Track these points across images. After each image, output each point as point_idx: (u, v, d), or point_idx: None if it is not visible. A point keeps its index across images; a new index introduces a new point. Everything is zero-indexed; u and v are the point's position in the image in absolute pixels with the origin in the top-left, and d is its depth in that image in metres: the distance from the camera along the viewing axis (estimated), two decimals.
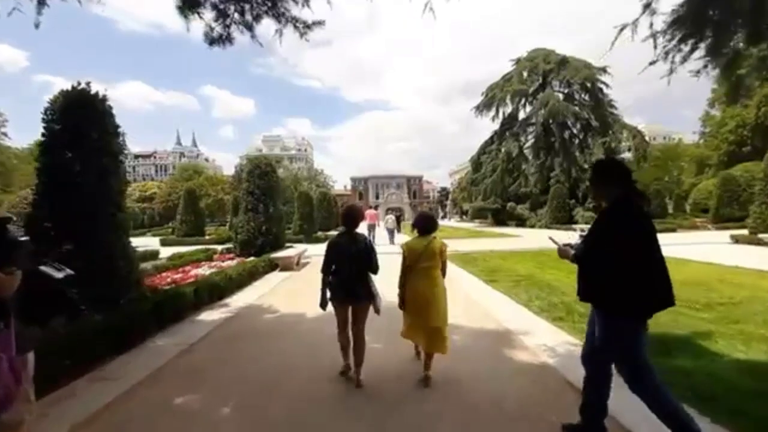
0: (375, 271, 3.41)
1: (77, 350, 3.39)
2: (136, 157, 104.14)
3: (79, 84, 4.49)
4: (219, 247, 13.75)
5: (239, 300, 6.56)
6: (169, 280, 7.04)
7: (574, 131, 35.05)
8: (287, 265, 10.13)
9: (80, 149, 4.33)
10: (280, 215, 12.68)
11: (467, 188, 50.42)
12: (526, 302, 5.88)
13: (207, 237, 20.65)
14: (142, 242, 22.76)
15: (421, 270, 3.29)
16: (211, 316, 5.49)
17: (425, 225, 3.43)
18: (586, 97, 34.38)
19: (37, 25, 4.94)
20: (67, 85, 4.47)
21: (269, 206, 11.94)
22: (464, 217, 55.10)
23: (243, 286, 7.65)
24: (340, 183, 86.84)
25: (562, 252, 2.36)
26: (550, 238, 2.78)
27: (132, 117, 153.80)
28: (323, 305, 3.51)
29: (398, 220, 31.70)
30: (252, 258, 10.65)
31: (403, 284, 3.39)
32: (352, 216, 3.59)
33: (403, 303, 3.39)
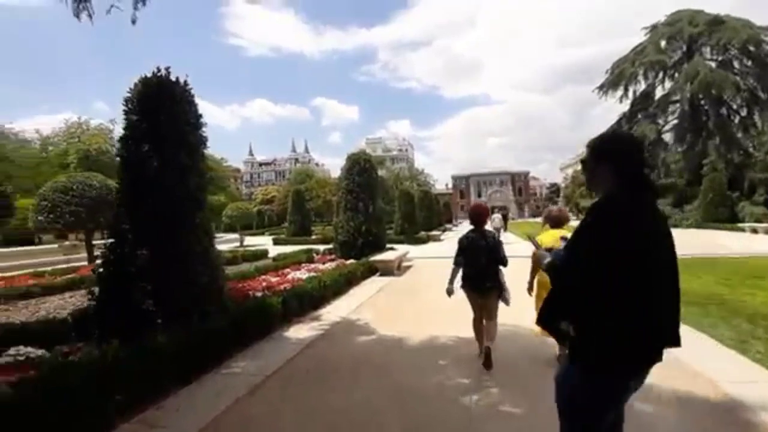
0: (504, 263, 3.68)
1: (133, 382, 2.76)
2: (260, 164, 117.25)
3: (158, 70, 4.06)
4: (321, 248, 13.59)
5: (333, 311, 5.74)
6: (264, 284, 6.61)
7: (734, 106, 28.17)
8: (387, 270, 9.21)
9: (157, 142, 3.86)
10: (380, 215, 11.92)
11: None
12: (738, 343, 3.85)
13: (313, 237, 21.24)
14: (258, 241, 24.84)
15: None
16: (299, 332, 4.71)
17: (558, 218, 3.73)
18: (749, 64, 27.18)
19: (134, 21, 4.81)
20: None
21: (369, 205, 11.24)
22: (580, 215, 48.89)
23: (340, 294, 6.89)
24: (441, 182, 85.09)
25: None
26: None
27: (257, 130, 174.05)
28: (450, 292, 3.98)
29: (505, 218, 29.54)
30: (351, 261, 10.02)
31: (533, 277, 3.66)
32: (480, 213, 3.94)
33: (530, 290, 3.71)
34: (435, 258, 12.56)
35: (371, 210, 11.23)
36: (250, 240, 26.47)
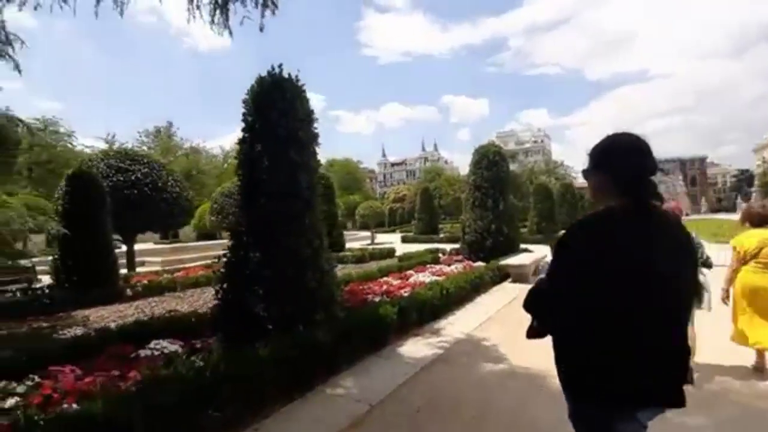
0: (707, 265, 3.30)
1: (231, 400, 2.55)
2: (392, 165, 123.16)
3: (273, 69, 3.98)
4: (448, 247, 12.91)
5: (456, 324, 5.00)
6: (384, 287, 6.27)
7: None
8: (521, 276, 7.99)
9: (268, 140, 3.75)
10: (512, 212, 10.63)
11: None
12: None
13: (441, 235, 20.71)
14: (389, 238, 25.58)
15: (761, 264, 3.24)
16: (415, 349, 4.13)
17: (763, 216, 3.35)
18: None
19: (261, 29, 5.00)
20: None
21: (499, 202, 10.07)
22: None
23: (464, 302, 6.11)
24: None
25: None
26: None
27: (390, 133, 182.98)
28: None
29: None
30: (480, 263, 9.08)
31: (730, 281, 3.41)
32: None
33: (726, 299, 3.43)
34: None
35: (502, 207, 10.05)
36: (381, 237, 27.52)
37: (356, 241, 23.71)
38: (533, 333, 1.44)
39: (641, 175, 1.26)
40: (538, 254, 9.50)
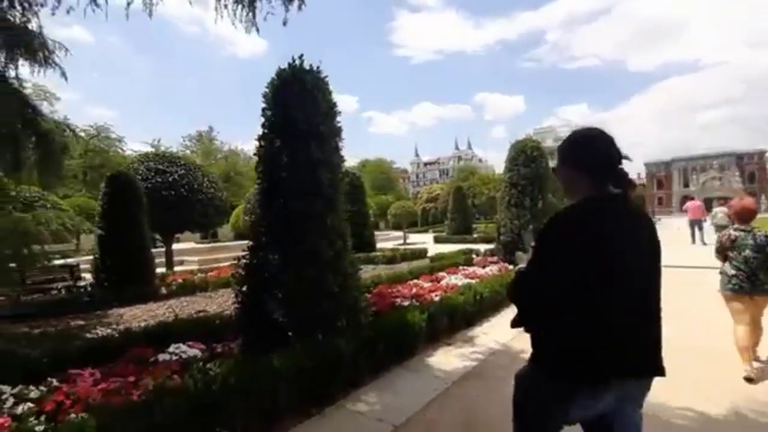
0: None
1: (242, 417, 2.34)
2: (425, 164, 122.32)
3: (293, 60, 3.77)
4: (482, 248, 12.38)
5: (490, 333, 4.61)
6: (414, 290, 5.95)
7: None
8: None
9: (287, 136, 3.54)
10: (551, 211, 9.97)
11: None
12: None
13: (474, 235, 20.04)
14: (421, 238, 25.14)
15: None
16: (445, 360, 3.78)
17: None
18: None
19: (284, 23, 4.89)
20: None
21: (537, 200, 9.47)
22: None
23: (500, 308, 5.67)
24: (630, 169, 70.51)
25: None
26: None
27: (423, 132, 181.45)
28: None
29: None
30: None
31: None
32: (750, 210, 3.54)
33: None
34: None
35: (540, 205, 9.44)
36: (413, 237, 27.13)
37: (388, 241, 23.49)
38: (517, 323, 1.48)
39: (610, 166, 1.33)
40: None
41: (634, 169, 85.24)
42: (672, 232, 21.45)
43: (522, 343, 4.24)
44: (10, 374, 3.04)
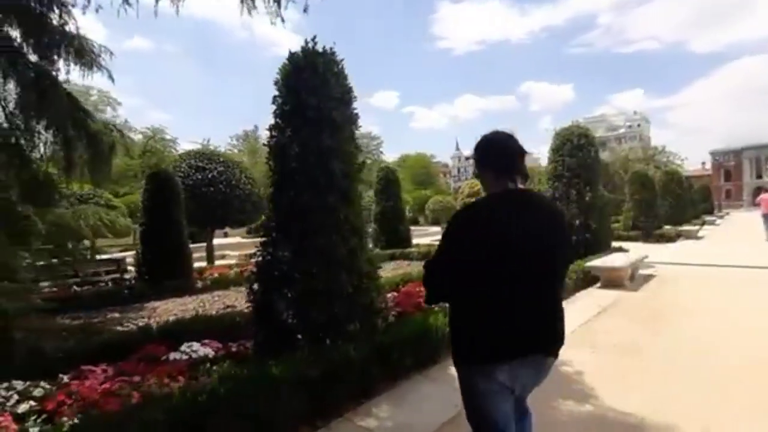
0: None
1: (243, 424, 2.13)
2: (467, 158, 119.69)
3: (306, 42, 3.52)
4: None
5: None
6: None
7: None
8: (613, 280, 6.68)
9: (298, 124, 3.30)
10: (601, 204, 9.10)
11: None
12: None
13: None
14: None
15: None
16: None
17: None
18: None
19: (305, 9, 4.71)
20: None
21: (585, 193, 8.67)
22: None
23: None
24: (692, 160, 64.83)
25: None
26: None
27: (465, 126, 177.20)
28: None
29: None
30: None
31: None
32: None
33: None
34: (691, 265, 8.75)
35: (589, 198, 8.64)
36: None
37: (427, 236, 23.00)
38: (427, 301, 1.64)
39: (508, 165, 1.50)
40: (634, 255, 7.96)
41: (698, 158, 78.48)
42: (740, 228, 19.38)
43: (564, 354, 3.75)
44: (29, 369, 3.06)
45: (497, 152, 1.53)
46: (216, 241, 24.39)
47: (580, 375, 3.24)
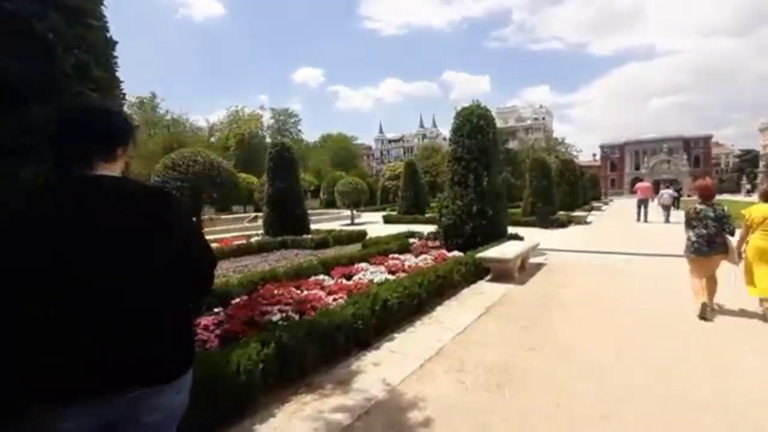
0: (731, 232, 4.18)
1: None
2: (390, 141, 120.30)
3: None
4: (426, 231, 11.06)
5: (383, 366, 3.16)
6: (305, 293, 4.47)
7: None
8: (503, 273, 6.20)
9: None
10: (499, 190, 8.73)
11: None
12: None
13: (427, 215, 18.86)
14: (373, 218, 23.68)
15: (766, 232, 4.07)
16: (287, 427, 2.35)
17: None
18: None
19: None
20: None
21: (482, 177, 8.17)
22: None
23: (414, 317, 4.31)
24: (585, 153, 72.54)
25: None
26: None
27: (389, 110, 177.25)
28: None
29: (678, 195, 23.05)
30: (456, 253, 7.30)
31: (743, 243, 4.24)
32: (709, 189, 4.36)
33: (739, 257, 4.19)
34: (578, 252, 8.84)
35: (486, 184, 8.16)
36: (367, 216, 25.64)
37: (337, 220, 21.89)
38: None
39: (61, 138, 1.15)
40: (528, 243, 7.69)
41: (587, 151, 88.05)
42: (618, 210, 21.88)
43: (424, 383, 2.84)
44: None
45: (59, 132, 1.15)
46: None
47: (436, 414, 2.36)
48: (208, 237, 12.59)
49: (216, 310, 3.91)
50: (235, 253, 9.20)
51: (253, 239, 10.99)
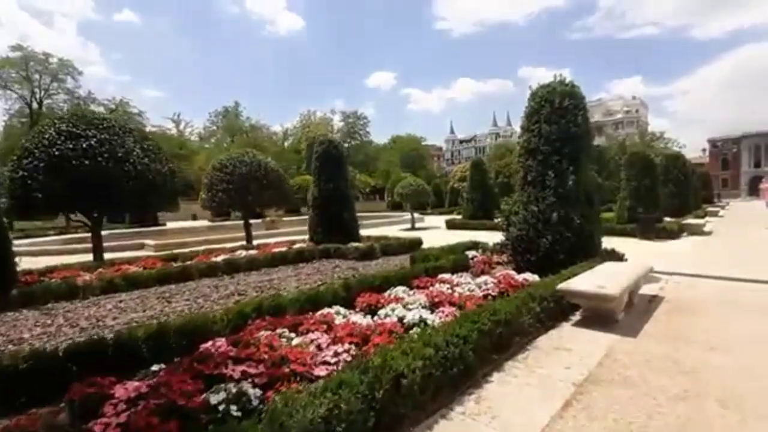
0: None
1: None
2: (461, 142, 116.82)
3: None
4: (492, 240, 9.02)
5: None
6: (294, 342, 3.08)
7: None
8: (599, 313, 4.22)
9: None
10: (590, 191, 6.59)
11: None
12: None
13: (496, 220, 16.60)
14: (436, 222, 21.73)
15: None
16: None
17: None
18: None
19: None
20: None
21: (566, 174, 6.14)
22: None
23: (458, 391, 2.69)
24: (690, 148, 62.40)
25: None
26: None
27: (461, 110, 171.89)
28: None
29: None
30: (527, 276, 5.46)
31: None
32: None
33: None
34: (709, 278, 6.31)
35: (571, 183, 6.12)
36: (429, 220, 23.88)
37: (398, 224, 20.50)
38: None
39: None
40: (637, 266, 5.50)
41: (692, 146, 76.49)
42: (741, 215, 17.35)
43: None
44: None
45: None
46: (176, 224, 21.70)
47: None
48: (256, 241, 11.97)
49: (154, 368, 2.69)
50: (270, 263, 8.21)
51: (296, 245, 10.03)
